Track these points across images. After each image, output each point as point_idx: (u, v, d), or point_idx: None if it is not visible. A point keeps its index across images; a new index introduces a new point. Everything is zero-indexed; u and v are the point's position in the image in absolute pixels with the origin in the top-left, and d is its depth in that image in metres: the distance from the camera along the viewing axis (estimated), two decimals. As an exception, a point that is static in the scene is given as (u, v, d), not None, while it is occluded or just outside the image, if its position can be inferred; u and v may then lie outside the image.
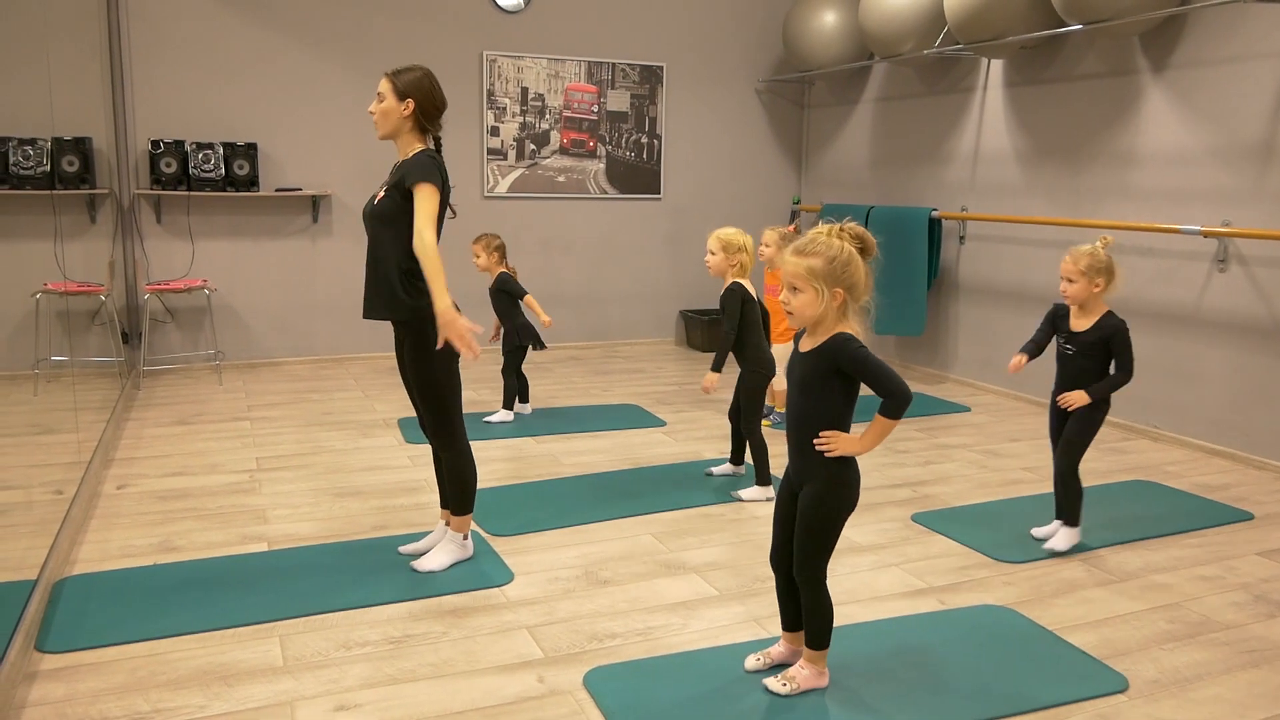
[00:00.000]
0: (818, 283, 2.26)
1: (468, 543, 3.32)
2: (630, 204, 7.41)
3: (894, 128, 6.86)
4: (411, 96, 3.04)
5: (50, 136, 5.42)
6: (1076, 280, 3.31)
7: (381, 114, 3.06)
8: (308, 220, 6.51)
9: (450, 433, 3.19)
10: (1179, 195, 4.91)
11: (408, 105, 3.04)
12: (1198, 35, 4.79)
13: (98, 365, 5.86)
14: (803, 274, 2.27)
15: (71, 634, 2.75)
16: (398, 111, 3.04)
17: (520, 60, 6.90)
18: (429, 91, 3.07)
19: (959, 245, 6.32)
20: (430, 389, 3.13)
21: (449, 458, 3.22)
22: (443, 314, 2.90)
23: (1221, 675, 2.66)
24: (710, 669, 2.63)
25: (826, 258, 2.26)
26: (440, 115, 3.12)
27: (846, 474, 2.38)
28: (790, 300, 2.30)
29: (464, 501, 3.26)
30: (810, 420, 2.35)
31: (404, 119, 3.05)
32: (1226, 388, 4.75)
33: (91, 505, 3.82)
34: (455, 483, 3.23)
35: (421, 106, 3.05)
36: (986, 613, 3.01)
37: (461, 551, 3.30)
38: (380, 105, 3.06)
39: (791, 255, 2.30)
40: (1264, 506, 4.03)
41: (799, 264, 2.28)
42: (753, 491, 4.01)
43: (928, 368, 6.63)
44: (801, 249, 2.30)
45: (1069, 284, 3.34)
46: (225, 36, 6.17)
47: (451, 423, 3.18)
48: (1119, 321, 3.33)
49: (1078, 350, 3.38)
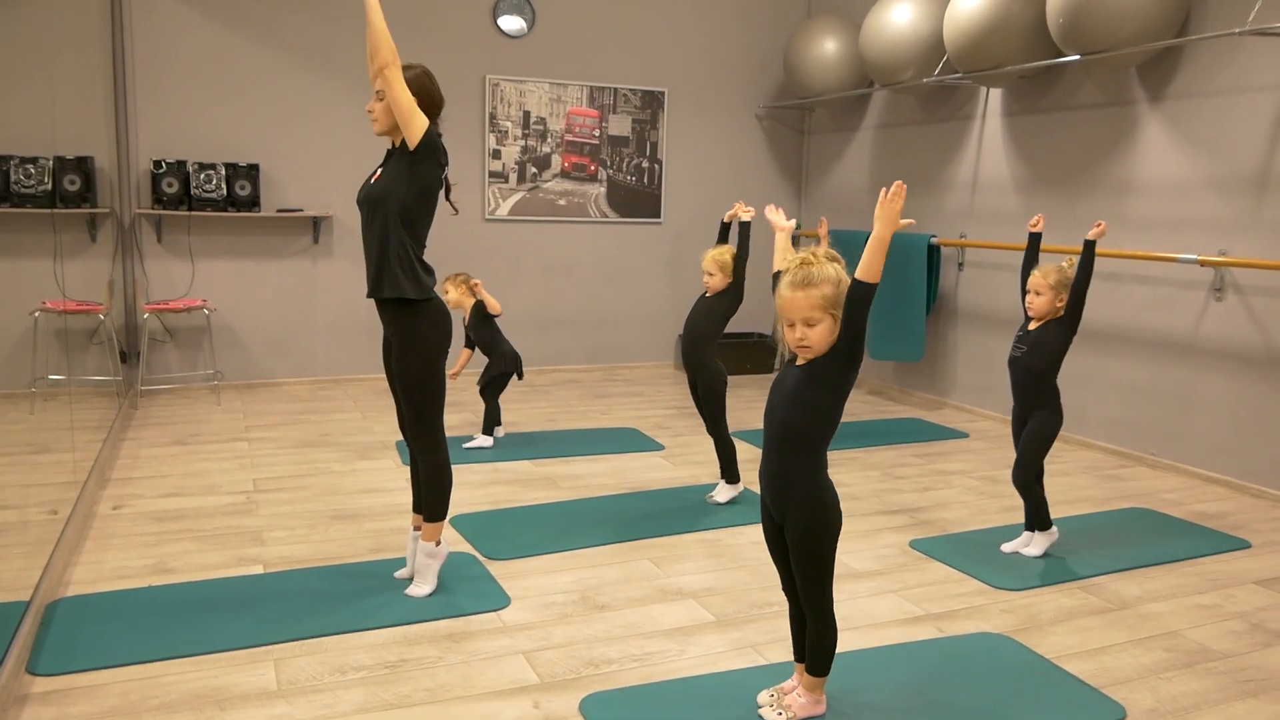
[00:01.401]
0: (833, 309, 2.26)
1: (441, 549, 3.26)
2: (631, 228, 7.44)
3: (893, 155, 6.90)
4: (413, 93, 3.02)
5: (52, 155, 5.44)
6: (1044, 294, 3.54)
7: (382, 110, 3.05)
8: (308, 241, 6.52)
9: (430, 434, 3.17)
10: (1176, 224, 4.93)
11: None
12: (1194, 67, 4.83)
13: (95, 384, 5.85)
14: (818, 304, 2.25)
15: (64, 656, 2.73)
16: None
17: (523, 84, 6.94)
18: (428, 89, 3.09)
19: (958, 272, 6.34)
20: (414, 386, 3.11)
21: (426, 461, 3.19)
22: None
23: (1219, 705, 2.65)
24: (707, 696, 2.61)
25: (833, 283, 2.26)
26: (439, 112, 3.13)
27: (822, 494, 2.35)
28: (808, 334, 2.26)
29: (438, 508, 3.22)
30: (797, 434, 2.32)
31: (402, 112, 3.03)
32: (1224, 416, 4.75)
33: (86, 526, 3.80)
34: (432, 487, 3.20)
35: (422, 104, 3.04)
36: (984, 640, 3.00)
37: (437, 561, 3.25)
38: (380, 102, 3.05)
39: (799, 291, 2.25)
40: (1261, 535, 4.03)
41: (812, 296, 2.25)
42: (724, 491, 4.27)
43: (926, 393, 6.63)
44: (805, 282, 2.26)
45: (1036, 296, 3.55)
46: (229, 58, 6.21)
47: (432, 423, 3.16)
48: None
49: (1028, 349, 3.60)
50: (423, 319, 3.08)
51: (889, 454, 5.21)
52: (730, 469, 4.29)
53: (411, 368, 3.10)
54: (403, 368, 3.11)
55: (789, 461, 2.35)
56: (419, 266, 3.08)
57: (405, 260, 3.04)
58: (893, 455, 5.19)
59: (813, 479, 2.34)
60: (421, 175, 3.04)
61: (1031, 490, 3.65)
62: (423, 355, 3.09)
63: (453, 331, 3.21)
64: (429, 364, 3.11)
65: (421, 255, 3.12)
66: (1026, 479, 3.63)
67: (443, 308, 3.16)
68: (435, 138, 3.04)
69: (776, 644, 2.91)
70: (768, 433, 2.40)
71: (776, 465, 2.37)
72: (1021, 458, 3.63)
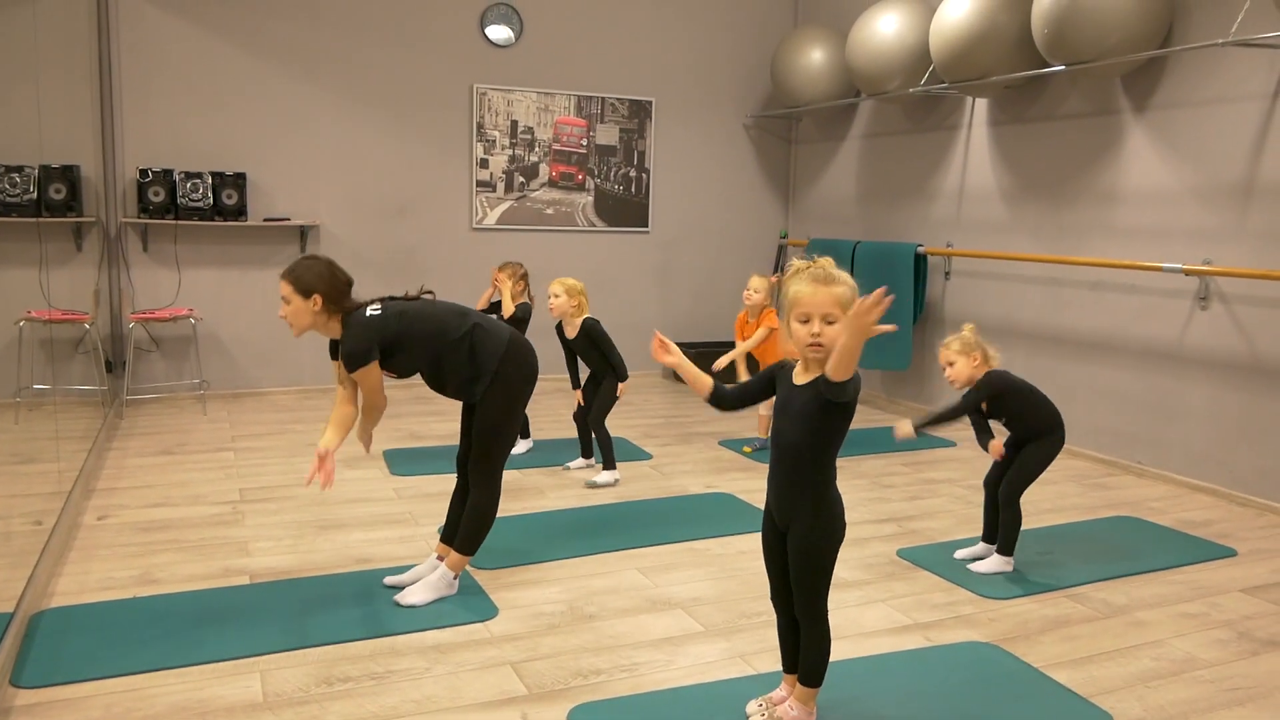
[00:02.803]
0: (846, 311, 2.24)
1: (455, 582, 3.30)
2: (618, 237, 7.44)
3: (880, 164, 6.93)
4: (316, 291, 3.03)
5: (38, 164, 5.41)
6: (955, 362, 3.52)
7: (292, 315, 3.06)
8: (296, 250, 6.50)
9: (490, 471, 3.25)
10: (1161, 233, 4.96)
11: (315, 300, 3.03)
12: (1178, 77, 4.87)
13: (80, 394, 5.82)
14: (838, 302, 2.24)
15: (48, 669, 2.71)
16: (308, 309, 3.04)
17: (510, 93, 6.95)
18: (330, 279, 3.06)
19: (944, 281, 6.36)
20: (490, 430, 3.20)
21: (479, 494, 3.24)
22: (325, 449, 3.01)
23: (1206, 713, 2.65)
24: (696, 706, 2.61)
25: (850, 285, 2.27)
26: (350, 290, 3.12)
27: (831, 506, 2.37)
28: (826, 331, 2.25)
29: (473, 542, 3.25)
30: (804, 451, 2.33)
31: (316, 314, 3.06)
32: (1209, 424, 4.78)
33: (71, 536, 3.77)
34: (474, 520, 3.24)
35: (328, 295, 3.05)
36: (972, 649, 3.00)
37: (448, 590, 3.27)
38: (288, 308, 3.06)
39: (821, 286, 2.24)
40: (1247, 543, 4.05)
41: (831, 293, 2.24)
42: (605, 475, 4.66)
43: (913, 402, 6.65)
44: (825, 279, 2.25)
45: (950, 368, 3.53)
46: (216, 66, 6.20)
47: (494, 463, 3.25)
48: (987, 377, 3.52)
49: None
50: (502, 378, 3.19)
51: (877, 463, 5.22)
52: (609, 456, 4.70)
53: (491, 417, 3.20)
54: (484, 415, 3.19)
55: (798, 475, 2.35)
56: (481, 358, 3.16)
57: (471, 377, 3.17)
58: (880, 464, 5.20)
59: (822, 490, 2.35)
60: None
61: (1010, 507, 3.60)
62: (504, 407, 3.21)
63: (538, 365, 3.34)
64: (508, 414, 3.22)
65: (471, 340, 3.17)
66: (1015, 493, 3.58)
67: (523, 345, 3.26)
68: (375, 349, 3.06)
69: (765, 654, 2.91)
70: (775, 453, 2.40)
71: (785, 478, 2.38)
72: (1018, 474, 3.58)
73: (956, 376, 3.52)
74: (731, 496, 4.52)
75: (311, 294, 3.03)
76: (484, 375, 3.16)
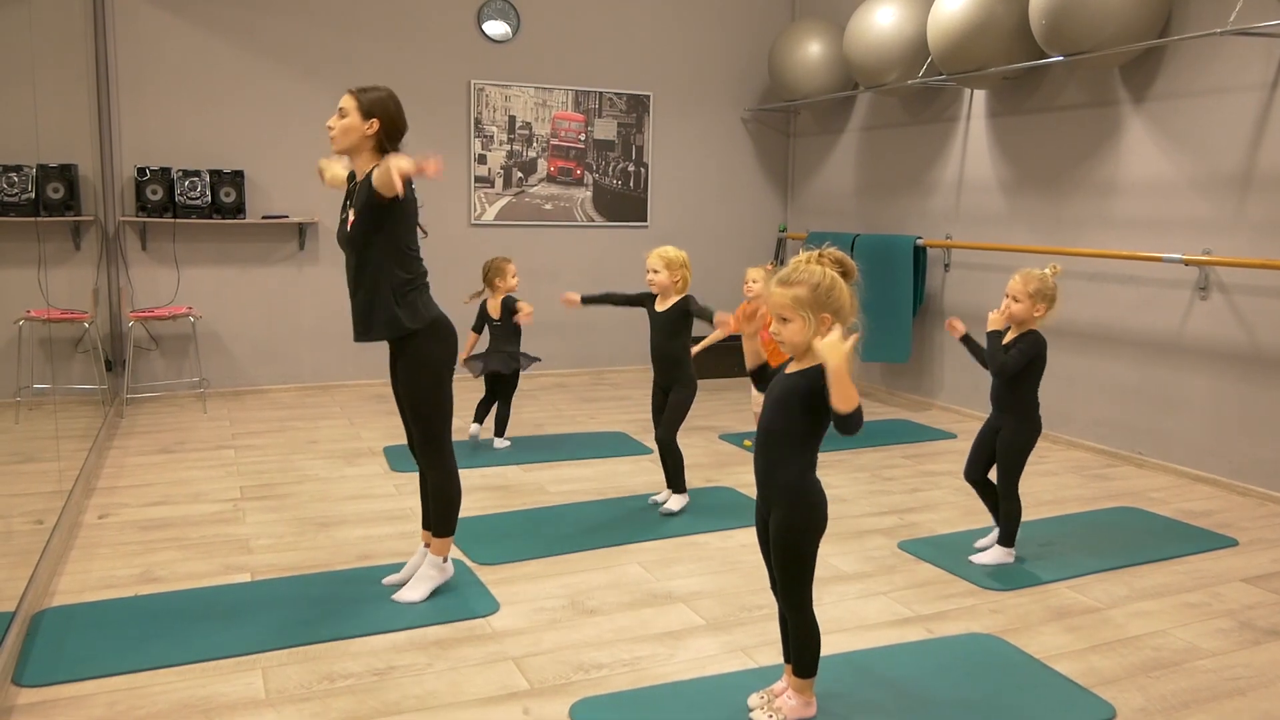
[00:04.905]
0: (804, 311, 2.28)
1: (447, 565, 3.28)
2: (617, 231, 7.43)
3: (879, 157, 6.92)
4: (377, 116, 2.99)
5: (35, 163, 5.41)
6: (1022, 301, 3.42)
7: (342, 130, 3.00)
8: (294, 247, 6.50)
9: (438, 450, 3.17)
10: (1160, 224, 4.96)
11: (372, 124, 2.99)
12: (1177, 67, 4.86)
13: (80, 393, 5.82)
14: (789, 304, 2.29)
15: (50, 667, 2.71)
16: (360, 129, 2.99)
17: (508, 89, 6.94)
18: (394, 114, 3.03)
19: (944, 273, 6.36)
20: (422, 404, 3.11)
21: (434, 476, 3.19)
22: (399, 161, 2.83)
23: (1208, 703, 2.65)
24: (698, 699, 2.61)
25: (810, 285, 2.28)
26: (401, 138, 3.08)
27: (807, 494, 2.37)
28: (781, 330, 2.33)
29: (447, 523, 3.22)
30: (779, 437, 2.36)
31: (366, 137, 3.01)
32: (1209, 414, 4.77)
33: (72, 535, 3.78)
34: (440, 502, 3.20)
35: (385, 128, 3.01)
36: (973, 641, 3.00)
37: (441, 575, 3.26)
38: (342, 121, 3.01)
39: (777, 286, 2.32)
40: (1248, 533, 4.05)
41: (785, 294, 2.30)
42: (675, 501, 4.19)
43: (913, 395, 6.64)
44: (786, 279, 2.31)
45: (1014, 303, 3.43)
46: (213, 64, 6.19)
47: (439, 440, 3.16)
48: (1038, 336, 3.45)
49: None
50: (428, 339, 3.08)
51: (877, 455, 5.22)
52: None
53: (418, 388, 3.11)
54: (410, 388, 3.11)
55: (774, 458, 2.38)
56: (413, 292, 3.06)
57: (400, 295, 3.03)
58: (880, 457, 5.20)
59: (798, 475, 2.36)
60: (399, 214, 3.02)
61: (1009, 499, 3.59)
62: (429, 375, 3.09)
63: (458, 346, 3.21)
64: (435, 382, 3.11)
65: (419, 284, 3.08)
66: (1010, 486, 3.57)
67: (446, 324, 3.15)
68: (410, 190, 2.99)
69: (767, 647, 2.91)
70: (757, 436, 2.44)
71: (763, 461, 2.41)
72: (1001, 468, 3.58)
73: (1012, 315, 3.43)
74: (732, 490, 4.52)
75: (372, 118, 2.99)
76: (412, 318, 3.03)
